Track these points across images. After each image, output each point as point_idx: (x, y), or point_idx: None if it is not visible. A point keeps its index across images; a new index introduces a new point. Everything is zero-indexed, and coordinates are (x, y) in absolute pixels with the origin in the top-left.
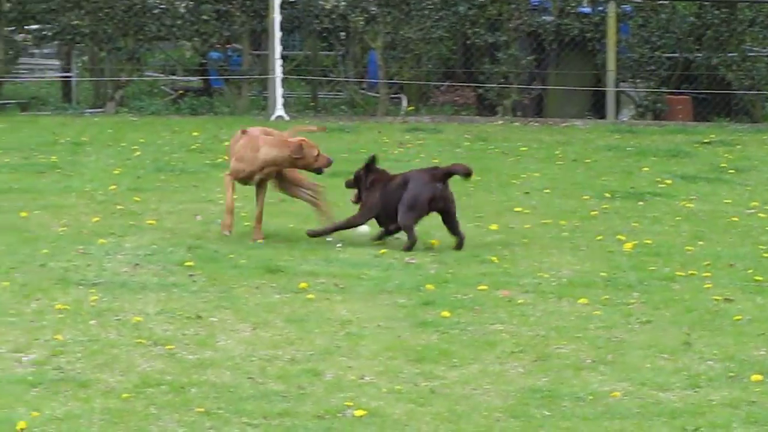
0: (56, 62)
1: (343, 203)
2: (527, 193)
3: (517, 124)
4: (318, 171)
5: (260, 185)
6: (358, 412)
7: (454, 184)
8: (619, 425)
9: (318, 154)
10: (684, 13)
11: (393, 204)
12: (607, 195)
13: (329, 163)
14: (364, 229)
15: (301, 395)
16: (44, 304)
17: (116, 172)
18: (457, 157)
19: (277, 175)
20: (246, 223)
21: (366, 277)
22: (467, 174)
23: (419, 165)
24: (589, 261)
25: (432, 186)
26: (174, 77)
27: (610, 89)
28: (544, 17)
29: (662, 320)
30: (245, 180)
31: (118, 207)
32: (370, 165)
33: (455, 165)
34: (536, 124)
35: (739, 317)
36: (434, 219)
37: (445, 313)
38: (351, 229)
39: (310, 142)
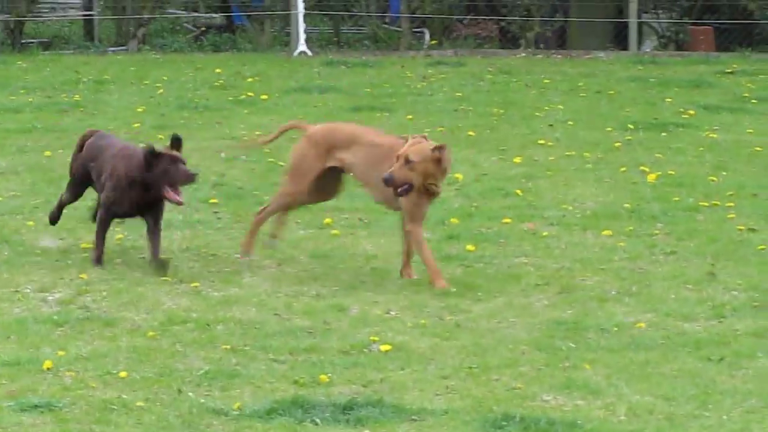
0: (78, 0)
1: None
2: (551, 125)
3: (539, 56)
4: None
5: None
6: (384, 347)
7: (476, 116)
8: (644, 356)
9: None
10: None
11: None
12: (631, 126)
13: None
14: None
15: (327, 330)
16: (70, 243)
17: (139, 110)
18: (480, 90)
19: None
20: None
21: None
22: None
23: (443, 99)
24: (613, 192)
25: None
26: (196, 14)
27: (633, 20)
28: None
29: (686, 251)
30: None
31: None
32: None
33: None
34: (559, 56)
35: (763, 247)
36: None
37: (470, 247)
38: None
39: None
